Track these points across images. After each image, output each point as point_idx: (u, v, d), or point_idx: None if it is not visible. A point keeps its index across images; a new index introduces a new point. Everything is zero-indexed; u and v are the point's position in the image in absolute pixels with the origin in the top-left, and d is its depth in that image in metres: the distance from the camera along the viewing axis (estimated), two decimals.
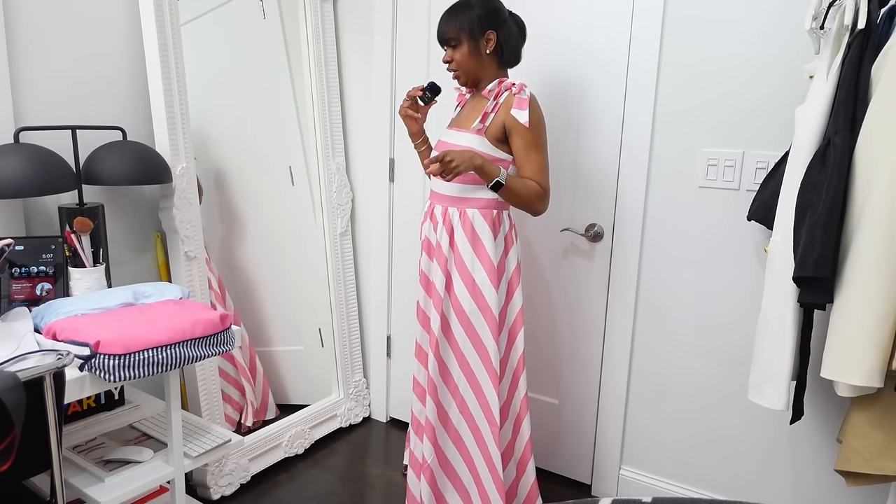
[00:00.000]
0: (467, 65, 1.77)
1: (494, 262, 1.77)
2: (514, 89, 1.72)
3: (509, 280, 1.84)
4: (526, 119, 1.69)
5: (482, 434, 1.83)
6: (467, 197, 1.77)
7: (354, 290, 2.68)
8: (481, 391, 1.81)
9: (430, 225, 1.87)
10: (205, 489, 2.11)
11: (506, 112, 1.72)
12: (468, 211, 1.77)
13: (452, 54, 1.78)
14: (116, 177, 1.77)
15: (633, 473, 2.20)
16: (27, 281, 1.64)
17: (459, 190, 1.77)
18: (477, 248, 1.77)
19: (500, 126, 1.74)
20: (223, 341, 1.57)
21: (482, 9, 1.75)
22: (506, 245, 1.82)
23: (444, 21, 1.78)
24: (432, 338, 1.84)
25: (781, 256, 1.48)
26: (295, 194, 2.57)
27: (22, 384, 1.16)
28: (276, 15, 2.45)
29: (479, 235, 1.77)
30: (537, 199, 1.73)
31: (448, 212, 1.80)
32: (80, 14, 1.86)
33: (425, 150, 1.98)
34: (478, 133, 1.74)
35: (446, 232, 1.79)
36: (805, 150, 1.43)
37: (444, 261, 1.80)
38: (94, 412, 1.87)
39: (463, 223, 1.78)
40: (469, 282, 1.77)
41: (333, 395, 2.65)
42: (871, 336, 1.28)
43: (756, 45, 1.80)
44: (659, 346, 2.09)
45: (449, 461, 1.88)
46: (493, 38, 1.76)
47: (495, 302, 1.76)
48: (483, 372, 1.79)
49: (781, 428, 1.91)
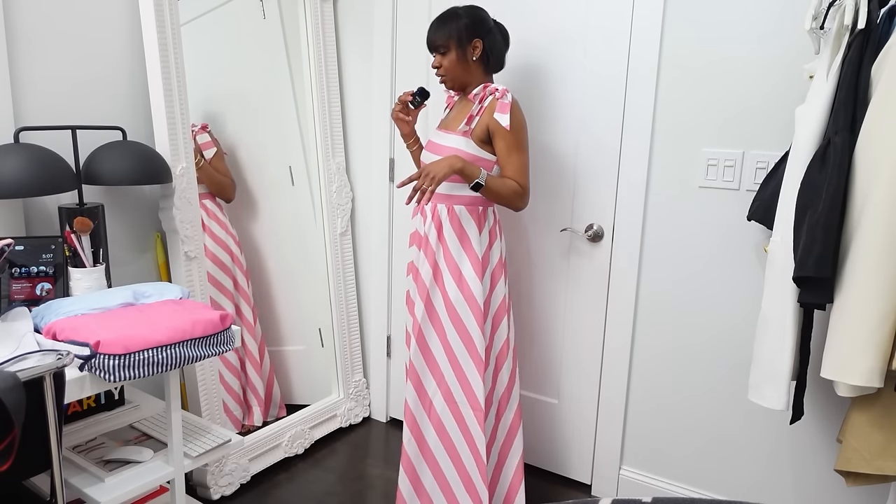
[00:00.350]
0: (455, 71, 1.88)
1: (479, 255, 1.87)
2: (497, 94, 1.82)
3: (493, 272, 1.94)
4: (507, 122, 1.79)
5: (465, 419, 1.89)
6: (455, 194, 1.87)
7: (354, 290, 2.68)
8: (465, 378, 1.88)
9: (419, 219, 1.96)
10: (205, 489, 2.11)
11: (490, 115, 1.82)
12: (456, 207, 1.88)
13: (441, 61, 1.88)
14: (116, 177, 1.77)
15: (633, 473, 2.20)
16: (27, 281, 1.64)
17: (448, 188, 1.86)
18: (464, 242, 1.88)
19: (485, 128, 1.84)
20: (223, 341, 1.57)
21: (469, 18, 1.86)
22: (490, 239, 1.93)
23: (433, 29, 1.88)
24: (415, 324, 1.91)
25: (781, 256, 1.48)
26: (295, 194, 2.57)
27: (22, 384, 1.16)
28: (276, 15, 2.45)
29: (465, 230, 1.88)
30: (517, 196, 1.85)
31: (437, 208, 1.89)
32: (80, 14, 1.86)
33: (417, 150, 2.09)
34: (464, 135, 1.85)
35: (434, 226, 1.89)
36: (805, 150, 1.43)
37: (432, 253, 1.89)
38: (94, 412, 1.87)
39: (451, 219, 1.87)
40: (456, 273, 1.87)
41: (333, 395, 2.65)
42: (871, 336, 1.28)
43: (756, 45, 1.80)
44: (659, 346, 2.09)
45: (429, 447, 1.93)
46: (479, 45, 1.87)
47: (480, 292, 1.86)
48: (468, 358, 1.87)
49: (781, 428, 1.91)
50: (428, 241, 1.91)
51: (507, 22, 2.22)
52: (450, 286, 1.87)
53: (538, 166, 2.22)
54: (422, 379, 1.92)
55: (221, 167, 2.34)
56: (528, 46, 2.17)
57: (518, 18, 2.17)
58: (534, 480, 2.33)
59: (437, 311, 1.89)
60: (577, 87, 2.10)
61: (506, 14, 2.19)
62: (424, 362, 1.91)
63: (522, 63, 2.19)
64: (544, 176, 2.22)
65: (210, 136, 2.31)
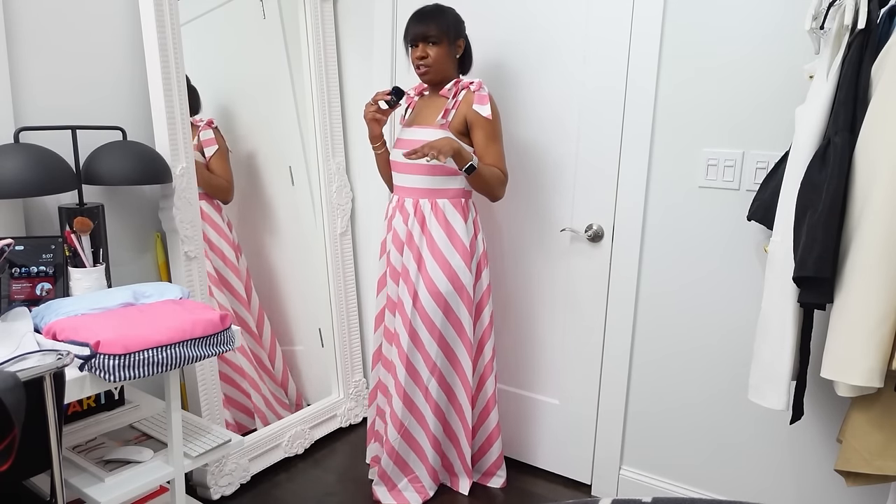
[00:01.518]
0: (441, 63, 1.93)
1: (467, 246, 1.94)
2: (473, 87, 1.91)
3: (478, 261, 2.04)
4: (488, 112, 1.87)
5: (455, 392, 2.07)
6: (437, 188, 1.93)
7: (354, 290, 2.68)
8: (457, 359, 2.03)
9: (399, 218, 2.00)
10: (205, 489, 2.11)
11: (467, 107, 1.91)
12: (439, 201, 1.93)
13: (429, 51, 1.91)
14: (116, 177, 1.77)
15: (633, 473, 2.20)
16: (27, 281, 1.64)
17: (429, 182, 1.92)
18: (451, 234, 1.94)
19: (462, 120, 1.92)
20: (223, 341, 1.57)
21: (455, 16, 1.96)
22: (475, 229, 2.03)
23: (425, 19, 1.92)
24: (405, 318, 1.98)
25: (781, 256, 1.48)
26: (295, 194, 2.57)
27: (22, 384, 1.16)
28: (276, 15, 2.45)
29: (451, 223, 1.94)
30: (500, 183, 1.94)
31: (419, 203, 1.94)
32: (80, 14, 1.86)
33: (383, 153, 2.11)
34: (441, 128, 1.91)
35: (417, 222, 1.94)
36: (805, 151, 1.43)
37: (417, 248, 1.95)
38: (94, 412, 1.87)
39: (435, 212, 1.93)
40: (446, 266, 1.94)
41: (333, 395, 2.65)
42: (871, 336, 1.28)
43: (756, 45, 1.80)
44: (659, 346, 2.09)
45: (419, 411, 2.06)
46: (462, 45, 1.98)
47: (469, 281, 1.97)
48: (459, 343, 2.01)
49: (781, 428, 1.91)
50: (411, 237, 1.96)
51: (507, 22, 2.23)
52: (439, 278, 1.93)
53: (539, 166, 2.22)
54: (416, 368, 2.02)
55: (220, 167, 2.31)
56: (527, 47, 2.17)
57: (518, 19, 2.17)
58: (534, 480, 2.34)
59: (422, 301, 1.95)
60: (578, 87, 2.10)
61: (506, 14, 2.20)
62: (419, 355, 2.00)
63: (522, 63, 2.19)
64: (544, 176, 2.22)
65: (214, 133, 2.28)
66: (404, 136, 2.01)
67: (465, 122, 1.92)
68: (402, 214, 1.99)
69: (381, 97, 1.97)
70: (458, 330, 2.01)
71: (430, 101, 2.02)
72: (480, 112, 1.87)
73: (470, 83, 1.92)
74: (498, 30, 2.22)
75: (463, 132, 1.93)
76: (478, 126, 1.91)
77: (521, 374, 2.40)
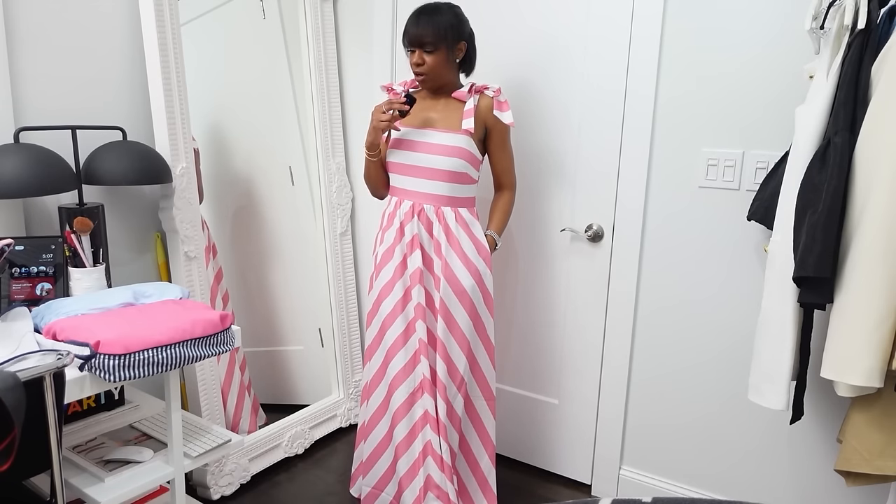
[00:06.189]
0: (438, 70, 1.86)
1: (485, 245, 1.96)
2: (491, 92, 1.86)
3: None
4: (511, 119, 1.86)
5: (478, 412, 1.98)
6: (457, 196, 1.91)
7: (354, 290, 2.68)
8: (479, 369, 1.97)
9: (417, 223, 1.91)
10: (205, 489, 2.11)
11: (486, 112, 1.87)
12: (460, 209, 1.92)
13: (426, 58, 1.83)
14: (116, 177, 1.77)
15: (633, 473, 2.20)
16: (27, 281, 1.64)
17: (449, 190, 1.90)
18: (473, 238, 1.93)
19: (482, 126, 1.89)
20: (223, 341, 1.57)
21: (455, 17, 1.85)
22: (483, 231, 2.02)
23: (421, 24, 1.81)
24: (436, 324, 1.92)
25: (781, 256, 1.48)
26: (295, 194, 2.57)
27: (22, 384, 1.16)
28: (276, 15, 2.45)
29: (471, 227, 1.94)
30: (512, 203, 2.04)
31: (441, 211, 1.91)
32: (80, 14, 1.86)
33: (377, 161, 2.00)
34: (466, 133, 1.87)
35: (442, 229, 1.91)
36: (805, 150, 1.43)
37: (444, 258, 1.90)
38: (94, 412, 1.87)
39: (457, 218, 1.92)
40: (472, 268, 1.91)
41: (333, 395, 2.65)
42: (871, 336, 1.28)
43: (756, 45, 1.80)
44: (659, 345, 2.09)
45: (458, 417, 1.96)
46: (463, 48, 1.89)
47: (490, 282, 1.96)
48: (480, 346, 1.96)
49: (781, 428, 1.91)
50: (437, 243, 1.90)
51: (507, 23, 2.23)
52: (465, 279, 1.89)
53: (539, 167, 2.22)
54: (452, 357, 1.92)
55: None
56: (528, 47, 2.17)
57: (518, 20, 2.17)
58: (534, 480, 2.34)
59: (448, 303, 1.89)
60: (578, 87, 2.10)
61: (506, 15, 2.20)
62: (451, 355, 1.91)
63: (523, 63, 2.19)
64: (544, 176, 2.22)
65: None
66: (417, 137, 1.90)
67: (484, 127, 1.90)
68: (420, 220, 1.90)
69: (399, 105, 1.82)
70: (479, 330, 1.94)
71: (439, 102, 1.93)
72: (502, 118, 1.86)
73: (485, 87, 1.87)
74: (498, 30, 2.22)
75: (480, 138, 1.91)
76: (496, 132, 1.91)
77: (521, 374, 2.40)
